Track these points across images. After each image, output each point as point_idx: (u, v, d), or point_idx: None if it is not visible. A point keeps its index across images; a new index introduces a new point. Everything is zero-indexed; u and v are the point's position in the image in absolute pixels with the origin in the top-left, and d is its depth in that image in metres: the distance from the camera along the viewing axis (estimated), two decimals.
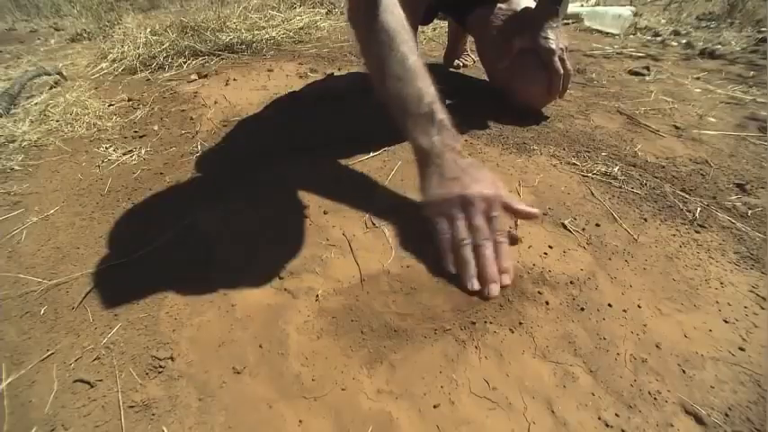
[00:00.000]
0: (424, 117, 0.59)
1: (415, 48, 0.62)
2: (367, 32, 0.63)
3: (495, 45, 0.95)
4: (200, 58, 1.46)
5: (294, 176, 0.77)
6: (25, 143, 0.97)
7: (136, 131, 1.00)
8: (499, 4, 0.98)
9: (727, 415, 0.41)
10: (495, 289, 0.52)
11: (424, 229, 0.58)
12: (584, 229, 0.63)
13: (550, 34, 0.86)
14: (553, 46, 0.85)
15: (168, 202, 0.75)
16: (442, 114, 0.59)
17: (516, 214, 0.59)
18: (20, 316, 0.55)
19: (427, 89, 0.59)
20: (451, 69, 1.31)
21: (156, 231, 0.66)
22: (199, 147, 0.91)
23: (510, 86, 0.96)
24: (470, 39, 1.30)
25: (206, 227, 0.67)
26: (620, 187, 0.72)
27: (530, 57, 0.89)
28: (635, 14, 1.80)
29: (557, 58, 0.86)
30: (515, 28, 0.91)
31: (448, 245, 0.55)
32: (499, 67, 0.94)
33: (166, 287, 0.57)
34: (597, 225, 0.63)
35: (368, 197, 0.70)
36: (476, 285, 0.52)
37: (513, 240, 0.60)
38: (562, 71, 0.87)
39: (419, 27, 1.27)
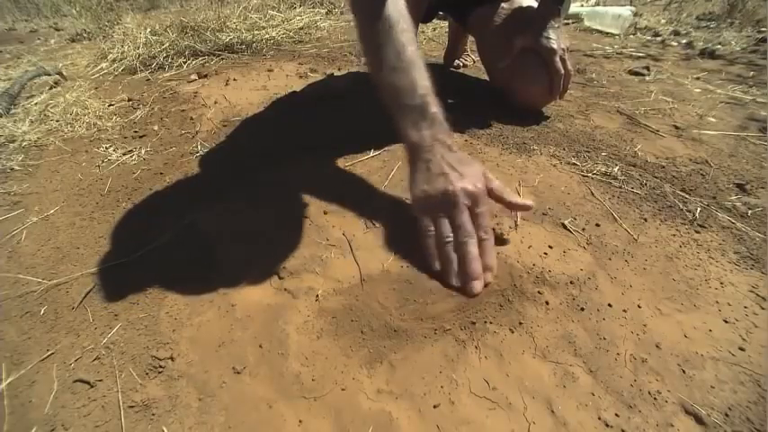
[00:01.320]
0: (415, 109, 0.58)
1: (414, 39, 0.61)
2: (367, 19, 0.62)
3: (496, 44, 0.95)
4: (200, 58, 1.46)
5: (294, 176, 0.77)
6: (25, 143, 0.97)
7: (136, 131, 1.00)
8: (501, 4, 0.98)
9: (727, 415, 0.41)
10: (477, 286, 0.51)
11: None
12: (584, 229, 0.63)
13: (552, 34, 0.86)
14: (554, 46, 0.85)
15: (168, 202, 0.75)
16: (434, 107, 0.58)
17: (510, 207, 0.59)
18: (20, 316, 0.55)
19: (422, 81, 0.58)
20: (451, 69, 1.31)
21: (156, 231, 0.66)
22: (199, 147, 0.91)
23: (510, 86, 0.96)
24: (470, 39, 1.30)
25: (206, 227, 0.67)
26: (620, 187, 0.72)
27: (531, 56, 0.89)
28: (635, 14, 1.80)
29: (558, 59, 0.86)
30: (516, 27, 0.91)
31: (431, 243, 0.55)
32: (500, 67, 0.94)
33: (166, 287, 0.57)
34: (597, 225, 0.63)
35: (368, 197, 0.70)
36: (458, 283, 0.52)
37: (500, 240, 0.59)
38: (563, 71, 0.87)
39: (419, 26, 1.27)
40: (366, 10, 0.62)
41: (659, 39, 1.58)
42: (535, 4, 0.93)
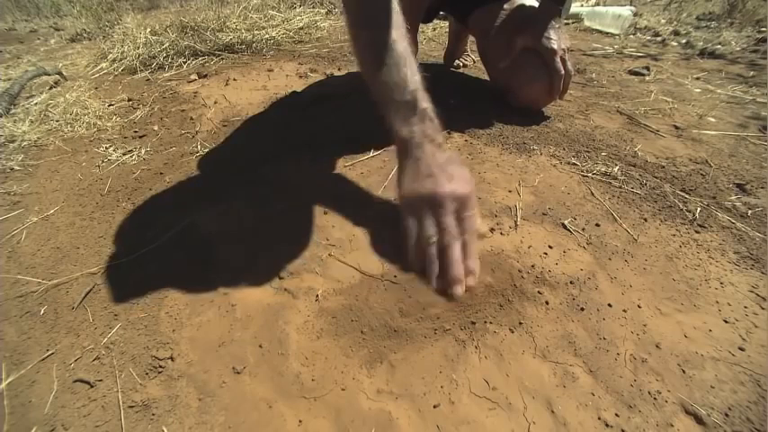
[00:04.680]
0: (405, 105, 0.57)
1: (405, 35, 0.60)
2: (358, 12, 0.62)
3: (497, 44, 0.95)
4: (200, 58, 1.46)
5: (294, 176, 0.77)
6: (25, 143, 0.97)
7: (136, 131, 1.00)
8: (502, 4, 0.98)
9: (727, 415, 0.41)
10: (459, 290, 0.50)
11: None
12: (584, 229, 0.63)
13: (553, 34, 0.86)
14: (555, 46, 0.85)
15: (168, 202, 0.75)
16: (425, 104, 0.57)
17: None
18: (20, 316, 0.55)
19: (412, 77, 0.57)
20: (451, 69, 1.31)
21: (156, 231, 0.66)
22: (199, 147, 0.91)
23: (511, 86, 0.96)
24: (471, 39, 1.30)
25: (206, 227, 0.67)
26: (620, 187, 0.72)
27: (531, 56, 0.89)
28: (635, 14, 1.80)
29: (558, 59, 0.86)
30: (517, 27, 0.91)
31: (413, 244, 0.54)
32: (500, 66, 0.94)
33: (166, 287, 0.57)
34: (597, 225, 0.63)
35: (368, 197, 0.70)
36: (440, 285, 0.52)
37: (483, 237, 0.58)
38: (563, 72, 0.87)
39: (419, 26, 1.27)
40: (356, 6, 0.62)
41: (659, 39, 1.58)
42: (536, 4, 0.93)
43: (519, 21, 0.92)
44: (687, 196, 0.70)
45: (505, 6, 0.97)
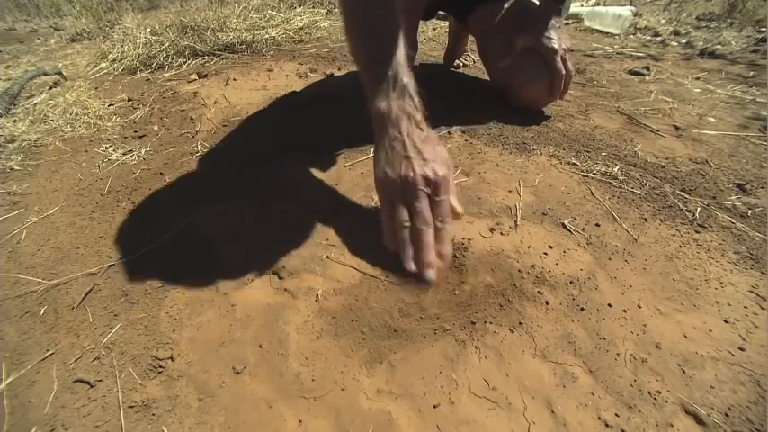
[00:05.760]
0: (386, 79, 0.55)
1: (396, 11, 0.58)
2: None
3: (497, 44, 0.95)
4: (200, 58, 1.46)
5: (294, 176, 0.77)
6: (25, 143, 0.97)
7: (136, 131, 1.00)
8: (502, 3, 0.98)
9: (727, 415, 0.41)
10: (430, 274, 0.50)
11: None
12: (584, 229, 0.63)
13: (553, 34, 0.86)
14: (556, 46, 0.85)
15: (168, 202, 0.75)
16: (406, 79, 0.55)
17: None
18: (20, 316, 0.55)
19: (397, 51, 0.55)
20: (451, 69, 1.31)
21: (156, 231, 0.66)
22: (199, 147, 0.91)
23: (511, 86, 0.96)
24: (470, 39, 1.30)
25: (206, 227, 0.67)
26: (620, 187, 0.72)
27: (532, 56, 0.89)
28: (635, 14, 1.80)
29: (559, 59, 0.86)
30: (517, 26, 0.91)
31: (389, 224, 0.54)
32: (501, 66, 0.94)
33: (166, 287, 0.57)
34: (597, 225, 0.63)
35: (367, 197, 0.70)
36: (412, 267, 0.51)
37: (456, 215, 0.57)
38: (564, 72, 0.87)
39: (419, 24, 1.27)
40: None
41: (659, 39, 1.58)
42: (536, 1, 0.93)
43: (519, 19, 0.92)
44: (687, 196, 0.70)
45: (506, 6, 0.97)
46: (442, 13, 1.45)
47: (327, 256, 0.59)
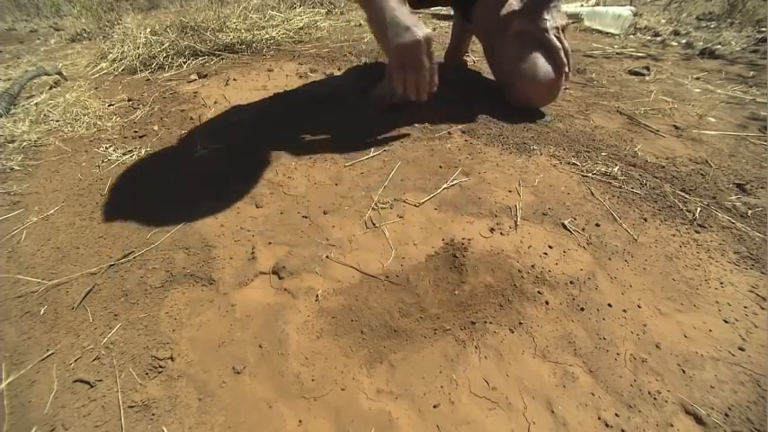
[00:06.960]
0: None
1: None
2: None
3: (496, 33, 0.97)
4: (200, 58, 1.46)
5: (294, 176, 0.77)
6: (25, 143, 0.97)
7: (136, 131, 1.00)
8: None
9: (727, 415, 0.41)
10: (424, 96, 0.77)
11: (423, 227, 0.58)
12: (584, 229, 0.63)
13: (546, 15, 0.90)
14: (548, 25, 0.89)
15: (168, 201, 0.75)
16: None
17: None
18: (20, 316, 0.55)
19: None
20: (452, 69, 1.30)
21: (156, 231, 0.66)
22: (198, 147, 0.91)
23: (512, 82, 0.96)
24: (471, 39, 1.30)
25: (206, 227, 0.67)
26: (620, 187, 0.72)
27: (533, 50, 0.90)
28: (635, 14, 1.80)
29: (552, 35, 0.88)
30: (516, 12, 0.93)
31: (399, 78, 0.76)
32: (501, 60, 0.96)
33: (166, 287, 0.57)
34: (597, 225, 0.63)
35: (368, 197, 0.70)
36: (413, 95, 0.77)
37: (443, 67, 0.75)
38: (560, 45, 0.89)
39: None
40: None
41: (659, 39, 1.58)
42: None
43: (518, 6, 0.95)
44: (687, 196, 0.70)
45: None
46: (443, 12, 1.45)
47: (327, 256, 0.59)
